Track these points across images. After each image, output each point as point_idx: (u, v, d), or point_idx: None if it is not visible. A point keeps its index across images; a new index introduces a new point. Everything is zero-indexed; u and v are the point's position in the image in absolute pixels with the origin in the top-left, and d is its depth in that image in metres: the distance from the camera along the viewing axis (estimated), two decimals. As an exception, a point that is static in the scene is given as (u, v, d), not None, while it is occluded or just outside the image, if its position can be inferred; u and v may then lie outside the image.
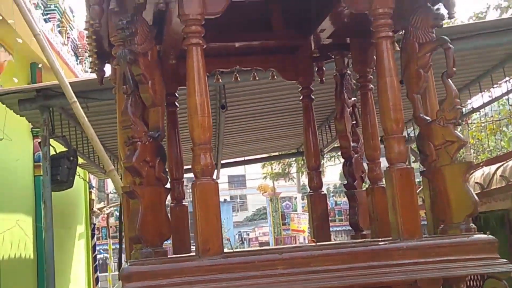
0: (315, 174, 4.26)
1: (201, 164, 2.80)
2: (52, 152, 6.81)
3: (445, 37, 3.15)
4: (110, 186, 18.83)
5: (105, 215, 17.92)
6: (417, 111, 3.22)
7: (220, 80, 4.60)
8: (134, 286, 2.59)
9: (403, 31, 3.33)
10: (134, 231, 2.90)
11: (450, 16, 3.24)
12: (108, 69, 3.95)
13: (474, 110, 9.63)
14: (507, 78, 8.72)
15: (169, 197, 3.41)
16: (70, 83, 5.74)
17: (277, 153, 15.18)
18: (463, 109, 9.72)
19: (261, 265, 2.73)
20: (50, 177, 6.42)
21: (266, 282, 2.68)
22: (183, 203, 3.93)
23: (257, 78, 4.58)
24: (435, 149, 3.09)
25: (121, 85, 3.04)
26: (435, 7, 3.29)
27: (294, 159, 22.85)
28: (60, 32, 11.12)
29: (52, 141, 6.95)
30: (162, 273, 2.64)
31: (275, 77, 4.51)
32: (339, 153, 12.85)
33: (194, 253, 2.94)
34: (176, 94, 4.04)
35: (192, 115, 2.84)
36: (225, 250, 2.90)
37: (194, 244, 2.85)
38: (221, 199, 29.63)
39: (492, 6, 16.88)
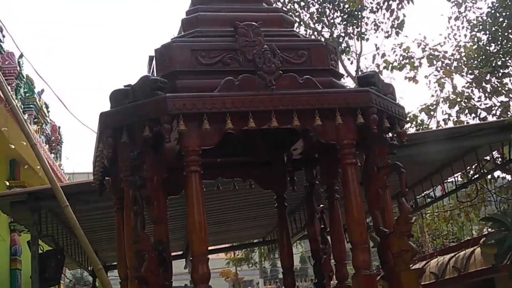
0: (289, 273, 4.80)
1: (199, 273, 3.31)
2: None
3: (399, 163, 3.80)
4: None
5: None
6: (378, 224, 3.82)
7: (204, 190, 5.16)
8: None
9: (364, 156, 3.97)
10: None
11: (402, 144, 3.90)
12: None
13: (428, 204, 10.43)
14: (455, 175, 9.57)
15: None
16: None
17: (245, 242, 15.64)
18: (418, 201, 10.54)
19: None
20: (38, 275, 6.80)
21: None
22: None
23: (237, 187, 5.16)
24: (393, 256, 3.67)
25: (130, 205, 3.56)
26: (389, 135, 3.97)
27: (257, 245, 23.16)
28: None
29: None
30: None
31: (253, 186, 5.10)
32: (298, 240, 13.45)
33: None
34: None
35: (192, 231, 3.37)
36: None
37: None
38: (182, 283, 29.27)
39: (441, 100, 17.83)
